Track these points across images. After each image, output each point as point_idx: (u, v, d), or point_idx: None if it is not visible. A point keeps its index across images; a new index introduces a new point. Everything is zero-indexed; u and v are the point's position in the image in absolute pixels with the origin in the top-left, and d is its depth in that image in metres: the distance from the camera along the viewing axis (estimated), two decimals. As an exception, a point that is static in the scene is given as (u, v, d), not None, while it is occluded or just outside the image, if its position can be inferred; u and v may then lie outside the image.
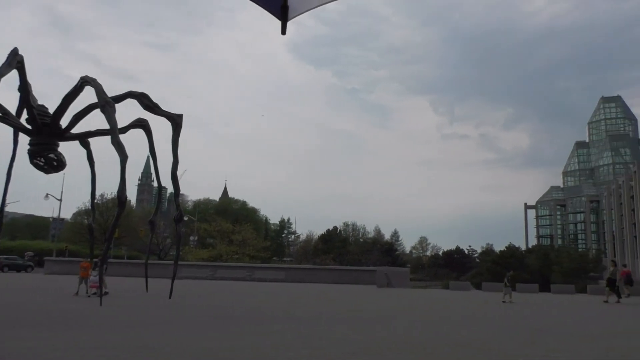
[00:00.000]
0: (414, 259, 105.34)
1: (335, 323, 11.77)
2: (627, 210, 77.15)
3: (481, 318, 14.40)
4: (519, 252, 58.18)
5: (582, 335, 10.77)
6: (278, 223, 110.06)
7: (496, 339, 9.84)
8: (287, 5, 1.95)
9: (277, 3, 1.94)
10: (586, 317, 15.34)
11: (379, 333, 10.08)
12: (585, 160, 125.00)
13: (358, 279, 41.78)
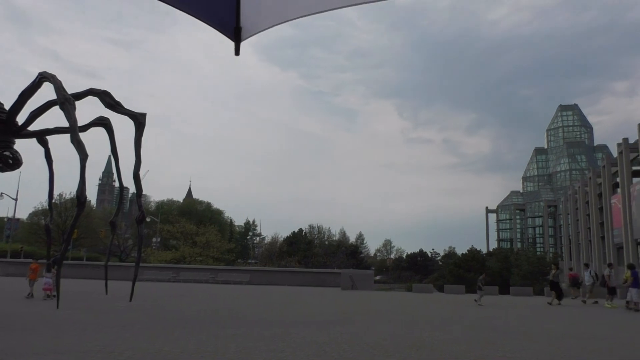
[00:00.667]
0: (378, 261, 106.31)
1: (298, 325, 11.76)
2: (583, 215, 79.91)
3: (443, 320, 14.64)
4: (480, 255, 59.50)
5: (538, 336, 11.07)
6: (243, 225, 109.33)
7: (457, 340, 10.01)
8: (240, 27, 2.02)
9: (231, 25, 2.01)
10: (542, 318, 15.79)
11: (341, 335, 10.12)
12: (543, 166, 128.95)
13: (323, 281, 41.84)
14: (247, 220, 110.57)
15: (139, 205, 17.91)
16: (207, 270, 44.84)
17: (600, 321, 15.46)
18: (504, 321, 14.66)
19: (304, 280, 42.06)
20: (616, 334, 11.98)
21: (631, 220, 57.28)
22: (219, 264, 61.76)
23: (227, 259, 69.80)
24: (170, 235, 70.26)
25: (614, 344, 10.13)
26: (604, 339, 10.92)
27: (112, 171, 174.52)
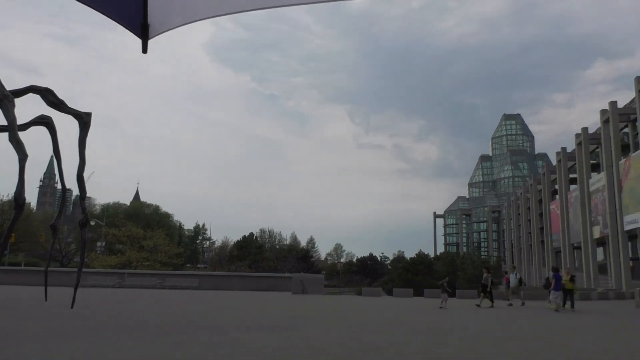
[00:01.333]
0: (329, 265, 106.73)
1: (248, 331, 11.64)
2: (524, 220, 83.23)
3: (391, 323, 14.86)
4: (427, 259, 60.80)
5: (482, 337, 11.43)
6: (192, 229, 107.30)
7: (405, 342, 10.19)
8: (148, 24, 1.92)
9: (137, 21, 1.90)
10: (487, 320, 16.31)
11: (292, 339, 10.09)
12: (488, 173, 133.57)
13: (273, 285, 41.63)
14: (197, 224, 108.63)
15: (83, 208, 17.24)
16: (155, 275, 43.69)
17: (535, 322, 16.12)
18: (450, 323, 15.03)
19: (255, 285, 41.72)
20: (553, 334, 12.53)
21: (568, 225, 60.15)
22: (167, 268, 60.27)
23: (175, 263, 68.19)
24: (115, 239, 67.96)
25: (553, 344, 10.59)
26: (536, 339, 11.40)
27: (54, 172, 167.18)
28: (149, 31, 1.96)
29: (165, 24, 1.97)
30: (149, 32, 1.96)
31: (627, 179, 44.18)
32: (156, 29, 1.96)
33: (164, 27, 1.96)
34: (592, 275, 51.83)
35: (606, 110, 48.67)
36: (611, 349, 9.80)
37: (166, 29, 1.98)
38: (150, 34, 1.95)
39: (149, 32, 1.95)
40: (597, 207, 51.82)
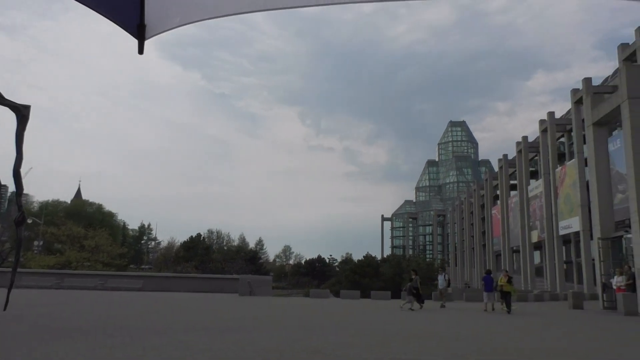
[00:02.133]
0: (277, 267, 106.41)
1: (192, 333, 11.46)
2: (467, 224, 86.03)
3: (337, 324, 15.00)
4: (375, 261, 61.66)
5: (428, 338, 11.74)
6: (137, 229, 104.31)
7: (350, 344, 10.32)
8: (145, 24, 1.88)
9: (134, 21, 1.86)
10: (432, 321, 16.75)
11: (237, 341, 10.02)
12: (434, 178, 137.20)
13: (220, 287, 41.07)
14: (142, 224, 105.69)
15: (19, 206, 16.42)
16: (96, 276, 42.15)
17: (475, 322, 16.71)
18: (396, 325, 15.34)
19: (201, 287, 41.03)
20: (493, 334, 13.02)
21: (508, 230, 62.67)
22: (109, 269, 58.26)
23: (118, 264, 66.01)
24: (54, 238, 65.06)
25: (493, 343, 11.01)
26: (477, 339, 11.84)
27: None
28: (146, 32, 1.91)
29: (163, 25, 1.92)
30: (146, 32, 1.91)
31: (563, 186, 46.53)
32: (153, 30, 1.91)
33: (161, 28, 1.92)
34: (529, 277, 54.20)
35: (544, 120, 51.12)
36: (547, 348, 10.30)
37: (163, 29, 1.94)
38: (147, 35, 1.91)
39: (145, 33, 1.91)
40: (535, 212, 54.26)
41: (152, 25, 1.90)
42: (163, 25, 1.91)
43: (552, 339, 11.84)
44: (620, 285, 21.23)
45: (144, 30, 1.89)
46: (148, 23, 1.89)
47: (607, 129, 27.57)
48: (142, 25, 1.88)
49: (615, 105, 23.44)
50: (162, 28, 1.91)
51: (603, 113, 24.97)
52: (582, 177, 40.90)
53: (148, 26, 1.89)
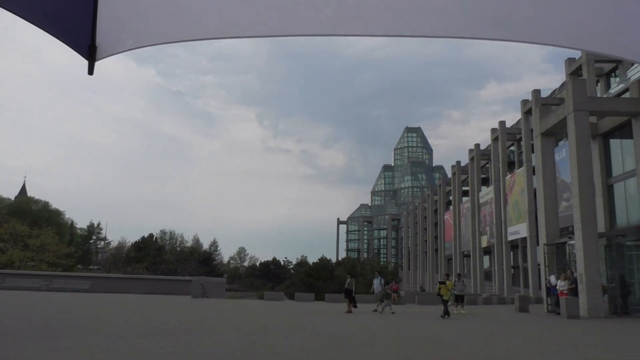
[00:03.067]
0: (231, 269, 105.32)
1: (142, 336, 11.19)
2: (421, 228, 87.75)
3: (291, 327, 14.99)
4: (329, 264, 62.00)
5: (380, 341, 11.90)
6: (86, 228, 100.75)
7: (303, 347, 10.34)
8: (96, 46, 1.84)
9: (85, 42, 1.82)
10: (385, 324, 16.98)
11: (188, 344, 9.86)
12: (390, 182, 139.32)
13: (172, 289, 40.31)
14: (91, 223, 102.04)
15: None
16: (40, 277, 40.53)
17: (426, 325, 17.09)
18: (349, 328, 15.46)
19: (153, 288, 40.13)
20: (444, 336, 13.34)
21: (460, 234, 64.34)
22: (55, 269, 56.07)
23: (64, 264, 63.58)
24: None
25: (443, 344, 11.28)
26: (429, 340, 12.11)
27: None
28: (97, 53, 1.86)
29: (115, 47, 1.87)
30: (97, 54, 1.86)
31: (512, 193, 48.19)
32: (104, 51, 1.86)
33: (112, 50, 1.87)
34: (479, 281, 55.80)
35: (496, 129, 52.86)
36: (494, 350, 10.64)
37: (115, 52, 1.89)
38: (98, 56, 1.86)
39: (96, 54, 1.86)
40: (485, 218, 55.94)
41: (103, 47, 1.86)
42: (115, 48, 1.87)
43: (497, 342, 12.24)
44: (563, 290, 22.15)
45: (95, 51, 1.85)
46: (99, 45, 1.85)
47: (554, 139, 28.76)
48: (93, 47, 1.84)
49: (562, 117, 24.50)
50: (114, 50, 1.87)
51: (550, 124, 26.04)
52: (530, 185, 42.54)
53: (99, 48, 1.85)
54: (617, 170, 25.61)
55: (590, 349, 11.07)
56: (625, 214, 25.00)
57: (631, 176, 23.92)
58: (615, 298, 23.62)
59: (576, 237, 22.55)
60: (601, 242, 23.58)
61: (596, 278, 21.54)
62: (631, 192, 24.30)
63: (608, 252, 24.64)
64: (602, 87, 35.56)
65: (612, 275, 24.10)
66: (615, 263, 24.50)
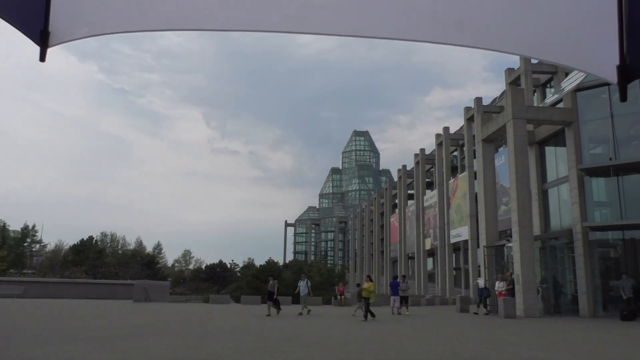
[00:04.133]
0: (176, 272, 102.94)
1: (78, 342, 10.75)
2: (367, 231, 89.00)
3: (236, 330, 14.82)
4: (277, 266, 61.77)
5: (325, 342, 11.96)
6: (20, 230, 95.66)
7: (248, 349, 10.25)
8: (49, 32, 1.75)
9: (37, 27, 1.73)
10: (329, 326, 17.09)
11: (127, 350, 9.56)
12: (338, 185, 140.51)
13: (114, 293, 39.00)
14: (26, 225, 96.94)
15: None
16: (-33, 282, 38.16)
17: (373, 327, 17.34)
18: (296, 330, 15.45)
19: (92, 293, 38.69)
20: (387, 337, 13.57)
21: (405, 237, 65.73)
22: (-16, 274, 53.00)
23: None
24: None
25: (388, 345, 11.48)
26: (375, 342, 12.30)
27: None
28: (49, 39, 1.75)
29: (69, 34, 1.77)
30: (49, 40, 1.75)
31: (455, 197, 49.73)
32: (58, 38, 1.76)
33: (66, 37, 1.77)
34: (423, 283, 57.17)
35: (440, 134, 54.45)
36: (436, 350, 10.93)
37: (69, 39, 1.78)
38: (51, 42, 1.75)
39: (49, 41, 1.75)
40: (429, 221, 57.43)
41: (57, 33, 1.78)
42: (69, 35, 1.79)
43: (439, 342, 12.59)
44: (501, 290, 23.05)
45: (48, 37, 1.76)
46: (52, 30, 1.77)
47: (494, 146, 29.92)
48: (46, 32, 1.75)
49: (502, 124, 25.54)
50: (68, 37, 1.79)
51: (491, 131, 27.08)
52: (472, 189, 44.03)
53: (52, 34, 1.77)
54: (551, 176, 26.95)
55: (524, 346, 11.58)
56: (558, 218, 26.33)
57: (564, 182, 25.22)
58: (548, 298, 24.84)
59: (514, 239, 23.54)
60: (536, 244, 24.74)
61: (532, 279, 22.57)
62: (564, 197, 25.61)
63: (542, 254, 25.89)
64: (539, 97, 37.33)
65: (546, 276, 25.34)
66: (549, 264, 25.78)
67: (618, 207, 23.16)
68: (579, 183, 23.74)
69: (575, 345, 11.93)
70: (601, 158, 24.44)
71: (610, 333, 15.11)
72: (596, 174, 24.05)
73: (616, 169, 22.99)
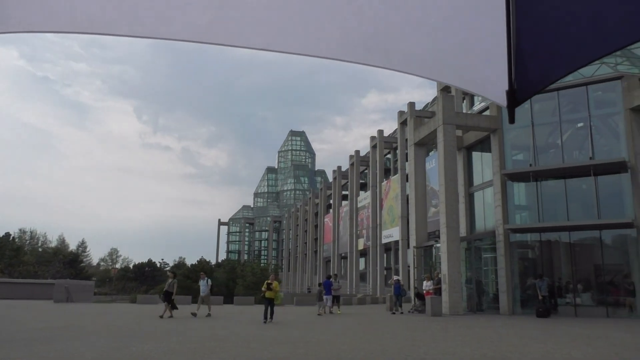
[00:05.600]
0: (101, 271, 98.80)
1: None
2: (302, 231, 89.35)
3: (164, 331, 14.43)
4: (209, 266, 60.70)
5: (254, 342, 11.90)
6: None
7: (173, 350, 10.02)
8: None
9: None
10: (261, 327, 16.99)
11: (46, 353, 9.08)
12: (273, 184, 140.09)
13: (33, 293, 36.85)
14: None
15: None
16: None
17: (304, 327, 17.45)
18: (225, 330, 15.26)
19: (9, 293, 36.36)
20: (307, 335, 13.70)
21: (338, 237, 66.58)
22: None
23: None
24: None
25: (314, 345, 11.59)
26: (308, 342, 12.39)
27: None
28: None
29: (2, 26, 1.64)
30: None
31: (387, 199, 50.99)
32: None
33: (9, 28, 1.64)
34: (355, 282, 58.15)
35: (375, 137, 55.64)
36: (366, 348, 11.16)
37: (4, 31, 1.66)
38: None
39: None
40: (362, 222, 58.52)
41: None
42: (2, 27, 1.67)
43: (369, 340, 12.87)
44: (429, 289, 23.90)
45: None
46: None
47: (426, 150, 30.97)
48: None
49: (433, 129, 26.49)
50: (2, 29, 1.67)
51: (423, 135, 28.01)
52: (404, 191, 45.28)
53: None
54: (477, 180, 28.25)
55: (449, 342, 12.07)
56: (483, 220, 27.64)
57: (489, 186, 26.51)
58: (472, 296, 26.04)
59: (441, 240, 24.47)
60: (462, 245, 25.85)
61: (457, 278, 23.56)
62: (488, 201, 26.93)
63: (468, 255, 27.10)
64: (467, 104, 39.03)
65: (470, 276, 26.56)
66: (473, 264, 27.03)
67: (536, 211, 24.64)
68: (502, 187, 25.05)
69: (495, 342, 12.59)
70: (522, 164, 25.91)
71: (527, 329, 16.06)
72: (517, 179, 25.48)
73: (535, 174, 24.46)
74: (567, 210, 23.57)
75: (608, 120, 24.55)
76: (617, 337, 13.65)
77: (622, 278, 22.47)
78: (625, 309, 21.80)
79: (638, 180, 21.85)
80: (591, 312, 21.97)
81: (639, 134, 22.40)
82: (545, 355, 10.25)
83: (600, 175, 22.94)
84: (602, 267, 22.98)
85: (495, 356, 9.90)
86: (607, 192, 23.06)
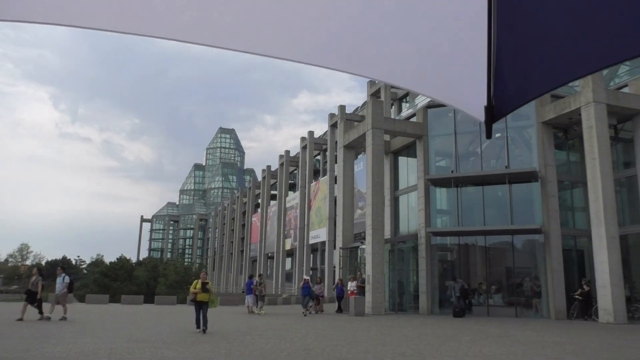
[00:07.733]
0: (10, 268, 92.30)
1: None
2: (228, 230, 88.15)
3: (76, 332, 13.80)
4: (129, 264, 58.49)
5: (178, 343, 11.64)
6: None
7: (91, 352, 9.63)
8: None
9: None
10: (185, 323, 16.64)
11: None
12: (200, 182, 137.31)
13: None
14: None
15: None
16: None
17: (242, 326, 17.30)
18: (146, 332, 14.81)
19: None
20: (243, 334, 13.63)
21: (266, 237, 66.34)
22: None
23: None
24: None
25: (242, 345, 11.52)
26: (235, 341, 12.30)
27: None
28: None
29: None
30: None
31: (315, 200, 51.47)
32: None
33: None
34: (280, 282, 58.19)
35: (305, 138, 56.01)
36: (289, 347, 11.24)
37: None
38: None
39: None
40: (290, 222, 58.67)
41: None
42: None
43: (292, 339, 12.97)
44: (353, 290, 24.42)
45: None
46: None
47: (355, 153, 31.62)
48: None
49: (362, 133, 27.11)
50: None
51: (352, 138, 28.58)
52: (332, 193, 45.93)
53: None
54: (402, 184, 29.23)
55: (370, 342, 12.42)
56: (406, 223, 28.63)
57: (413, 190, 27.51)
58: (394, 297, 26.91)
59: (367, 242, 25.08)
60: (386, 247, 26.64)
61: (380, 279, 24.24)
62: (412, 204, 27.93)
63: (391, 256, 27.97)
64: (396, 110, 40.28)
65: (393, 277, 27.43)
66: (396, 266, 27.93)
67: (456, 215, 25.88)
68: (425, 192, 26.09)
69: (414, 340, 13.10)
70: (445, 170, 27.12)
71: (443, 328, 16.84)
72: (440, 184, 26.63)
73: (456, 180, 25.69)
74: (484, 216, 24.95)
75: (522, 132, 26.24)
76: (523, 336, 14.66)
77: (530, 280, 24.10)
78: (532, 310, 23.42)
79: (547, 189, 23.54)
80: (502, 312, 23.40)
81: (549, 146, 24.15)
82: (459, 352, 10.82)
83: (514, 184, 24.49)
84: (513, 270, 24.54)
85: (414, 354, 10.32)
86: (519, 200, 24.65)
